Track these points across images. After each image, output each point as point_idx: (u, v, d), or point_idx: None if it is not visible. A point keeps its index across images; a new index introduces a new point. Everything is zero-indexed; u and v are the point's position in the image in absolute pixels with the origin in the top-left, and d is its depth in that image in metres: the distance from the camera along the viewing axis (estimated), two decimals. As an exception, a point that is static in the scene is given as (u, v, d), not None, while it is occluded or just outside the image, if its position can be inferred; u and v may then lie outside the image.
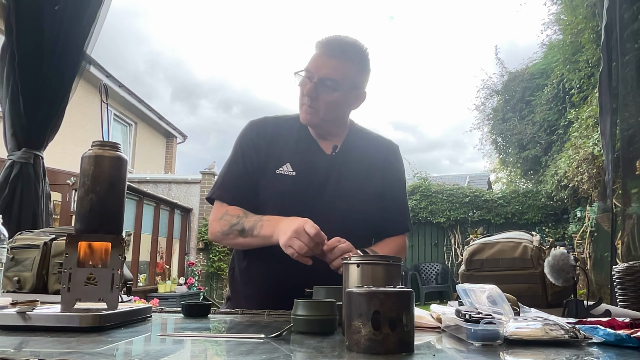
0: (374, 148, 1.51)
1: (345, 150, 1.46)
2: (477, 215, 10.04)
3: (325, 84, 1.35)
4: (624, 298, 1.58)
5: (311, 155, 1.43)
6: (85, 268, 0.96)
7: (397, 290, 0.71)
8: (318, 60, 1.37)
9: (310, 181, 1.38)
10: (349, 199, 1.39)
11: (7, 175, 2.39)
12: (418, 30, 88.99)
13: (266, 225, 1.28)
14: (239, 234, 1.33)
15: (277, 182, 1.38)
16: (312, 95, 1.35)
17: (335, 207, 1.37)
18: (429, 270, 9.99)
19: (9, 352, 0.69)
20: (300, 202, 1.35)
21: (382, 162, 1.51)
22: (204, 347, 0.80)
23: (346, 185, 1.41)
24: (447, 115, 72.66)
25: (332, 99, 1.37)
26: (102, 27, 2.54)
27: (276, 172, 1.39)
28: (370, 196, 1.43)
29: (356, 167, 1.44)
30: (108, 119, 1.07)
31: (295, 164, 1.40)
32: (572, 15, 8.03)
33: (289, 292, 1.12)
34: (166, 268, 8.39)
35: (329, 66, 1.35)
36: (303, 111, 1.39)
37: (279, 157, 1.40)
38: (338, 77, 1.35)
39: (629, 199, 2.47)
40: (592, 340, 0.79)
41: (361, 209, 1.40)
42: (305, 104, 1.38)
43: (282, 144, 1.43)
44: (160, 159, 13.36)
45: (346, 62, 1.37)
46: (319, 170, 1.41)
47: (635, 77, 2.36)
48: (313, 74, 1.36)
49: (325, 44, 1.38)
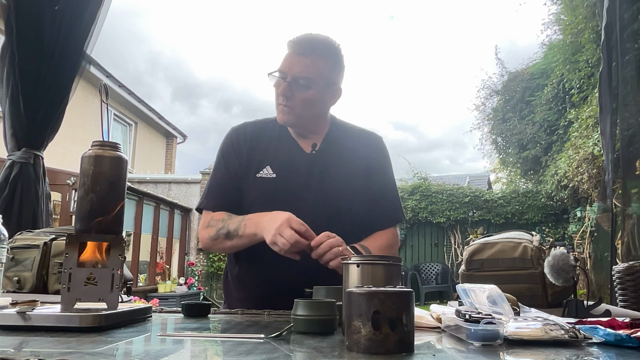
0: (356, 142, 1.50)
1: (325, 147, 1.45)
2: (477, 215, 10.04)
3: (299, 82, 1.35)
4: (624, 298, 1.59)
5: (290, 155, 1.43)
6: (85, 268, 0.96)
7: (397, 290, 0.71)
8: (290, 59, 1.37)
9: (290, 181, 1.38)
10: (332, 196, 1.39)
11: (7, 175, 2.39)
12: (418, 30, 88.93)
13: (249, 224, 1.29)
14: (226, 237, 1.33)
15: (258, 185, 1.39)
16: (287, 95, 1.36)
17: (320, 206, 1.36)
18: (429, 270, 9.99)
19: (9, 352, 0.69)
20: (283, 203, 1.32)
21: (365, 156, 1.49)
22: (204, 347, 0.80)
23: (329, 182, 1.40)
24: (447, 115, 72.73)
25: (307, 97, 1.37)
26: (102, 27, 2.54)
27: (257, 175, 1.39)
28: (355, 192, 1.41)
29: (338, 163, 1.43)
30: (108, 119, 1.08)
31: (275, 166, 1.40)
32: (572, 15, 8.03)
33: (280, 295, 1.13)
34: (166, 268, 8.40)
35: (301, 64, 1.36)
36: (279, 111, 1.39)
37: (259, 160, 1.41)
38: (311, 74, 1.36)
39: (629, 199, 2.47)
40: (592, 340, 0.79)
41: (346, 205, 1.39)
42: (280, 103, 1.38)
43: (263, 147, 1.44)
44: (160, 159, 13.36)
45: (318, 59, 1.37)
46: (299, 170, 1.41)
47: (635, 77, 2.36)
48: (286, 73, 1.36)
49: (296, 43, 1.38)
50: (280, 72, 1.38)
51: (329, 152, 1.44)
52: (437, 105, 76.66)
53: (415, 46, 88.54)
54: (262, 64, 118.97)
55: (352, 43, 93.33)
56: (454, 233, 10.21)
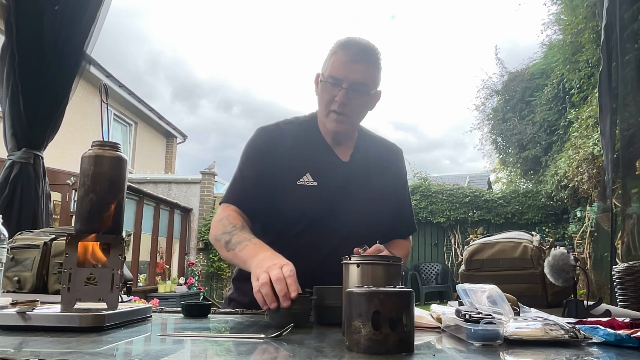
0: (383, 152, 1.53)
1: (359, 157, 1.46)
2: (477, 215, 10.04)
3: (355, 89, 1.32)
4: (624, 298, 1.59)
5: (330, 164, 1.42)
6: (85, 268, 0.96)
7: (397, 290, 0.71)
8: (346, 65, 1.32)
9: (331, 190, 1.37)
10: (369, 205, 1.40)
11: (7, 175, 2.39)
12: (419, 30, 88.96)
13: (250, 248, 1.19)
14: (225, 245, 1.25)
15: (299, 193, 1.35)
16: (344, 102, 1.32)
17: (358, 215, 1.37)
18: (429, 270, 9.98)
19: (9, 352, 0.69)
20: (322, 211, 1.34)
21: (393, 166, 1.53)
22: (204, 347, 0.80)
23: (365, 192, 1.41)
24: (447, 115, 72.73)
25: (362, 104, 1.36)
26: (102, 27, 2.54)
27: (297, 183, 1.35)
28: (386, 200, 1.45)
29: (372, 173, 1.45)
30: (108, 119, 1.07)
31: (315, 173, 1.37)
32: (572, 15, 8.03)
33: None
34: (166, 268, 8.39)
35: (358, 71, 1.32)
36: (332, 119, 1.36)
37: (299, 166, 1.37)
38: (368, 80, 1.34)
39: (629, 199, 2.47)
40: (592, 340, 0.79)
41: (379, 213, 1.42)
42: (334, 111, 1.34)
43: (302, 154, 1.40)
44: (160, 159, 13.35)
45: (371, 65, 1.35)
46: (337, 179, 1.40)
47: (635, 77, 2.36)
48: (342, 79, 1.32)
49: (348, 48, 1.33)
50: (333, 78, 1.33)
51: (363, 162, 1.45)
52: (438, 105, 76.71)
53: (415, 46, 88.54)
54: (262, 64, 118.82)
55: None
56: (454, 233, 10.21)
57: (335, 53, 1.35)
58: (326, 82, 1.34)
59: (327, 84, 1.34)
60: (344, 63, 1.32)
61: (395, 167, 1.54)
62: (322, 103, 1.38)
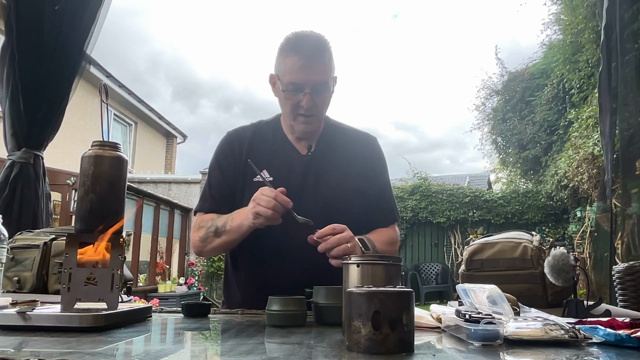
0: (350, 143, 1.49)
1: (321, 148, 1.45)
2: (477, 215, 10.04)
3: (318, 90, 1.32)
4: (624, 298, 1.59)
5: (287, 158, 1.42)
6: (85, 268, 0.96)
7: (397, 290, 0.71)
8: (304, 70, 1.30)
9: (287, 184, 1.35)
10: (329, 196, 1.38)
11: (7, 175, 2.39)
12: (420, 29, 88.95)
13: (235, 216, 1.31)
14: (214, 235, 1.34)
15: (255, 189, 1.34)
16: (310, 105, 1.33)
17: (316, 207, 1.35)
18: (429, 270, 9.99)
19: (9, 352, 0.69)
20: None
21: (360, 157, 1.48)
22: (204, 347, 0.80)
23: (325, 183, 1.40)
24: (447, 115, 72.78)
25: (325, 101, 1.37)
26: (102, 26, 2.54)
27: (254, 180, 1.38)
28: (350, 193, 1.41)
29: (333, 164, 1.43)
30: (108, 119, 1.07)
31: (271, 169, 1.39)
32: (572, 15, 8.03)
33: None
34: (166, 268, 8.39)
35: (317, 72, 1.31)
36: (300, 122, 1.37)
37: (256, 165, 1.38)
38: (327, 77, 1.34)
39: (629, 199, 2.47)
40: (592, 340, 0.79)
41: (343, 206, 1.38)
42: (301, 114, 1.35)
43: (259, 152, 1.43)
44: (160, 159, 13.35)
45: (326, 60, 1.33)
46: (295, 172, 1.40)
47: (635, 77, 2.36)
48: (303, 84, 1.31)
49: (300, 49, 1.30)
50: (294, 84, 1.31)
51: (324, 153, 1.44)
52: (438, 105, 76.73)
53: (416, 46, 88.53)
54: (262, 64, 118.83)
55: (354, 42, 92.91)
56: (454, 233, 10.21)
57: (287, 56, 1.32)
58: (288, 90, 1.33)
59: (289, 92, 1.33)
60: (302, 68, 1.30)
61: (362, 154, 1.49)
62: (286, 108, 1.38)
